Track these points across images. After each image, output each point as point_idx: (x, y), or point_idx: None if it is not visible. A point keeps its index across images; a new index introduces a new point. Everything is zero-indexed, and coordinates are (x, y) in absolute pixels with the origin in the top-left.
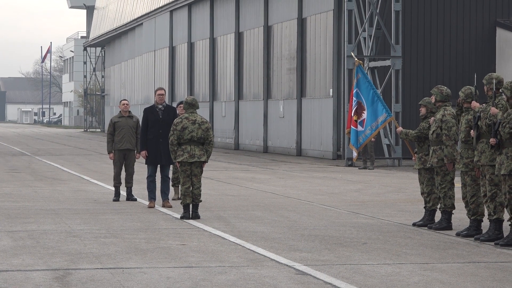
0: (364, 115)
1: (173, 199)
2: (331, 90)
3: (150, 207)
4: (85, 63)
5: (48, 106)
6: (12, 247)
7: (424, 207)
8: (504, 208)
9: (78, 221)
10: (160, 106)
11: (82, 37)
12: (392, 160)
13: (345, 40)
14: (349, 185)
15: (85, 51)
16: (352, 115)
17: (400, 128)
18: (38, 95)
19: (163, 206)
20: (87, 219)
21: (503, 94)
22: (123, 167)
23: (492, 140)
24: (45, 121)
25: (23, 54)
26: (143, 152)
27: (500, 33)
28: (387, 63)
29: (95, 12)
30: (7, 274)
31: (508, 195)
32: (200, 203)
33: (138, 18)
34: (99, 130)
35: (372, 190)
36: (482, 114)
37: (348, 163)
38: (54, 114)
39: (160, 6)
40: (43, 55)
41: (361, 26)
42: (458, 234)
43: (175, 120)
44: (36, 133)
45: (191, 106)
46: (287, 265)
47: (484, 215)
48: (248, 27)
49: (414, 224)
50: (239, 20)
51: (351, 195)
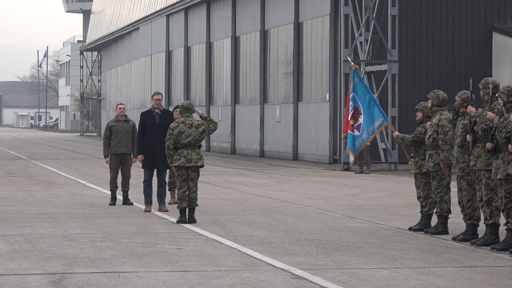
0: (361, 119)
1: (169, 203)
2: (328, 95)
3: (146, 211)
4: (81, 67)
5: (44, 110)
6: (8, 251)
7: (421, 212)
8: (500, 213)
9: (74, 225)
10: (157, 111)
11: (79, 41)
12: (389, 164)
13: (341, 44)
14: (345, 189)
15: (81, 55)
16: (349, 119)
17: (396, 133)
18: (34, 99)
19: (160, 210)
20: (84, 223)
21: (499, 99)
22: (120, 171)
23: (488, 145)
24: (41, 125)
25: (19, 58)
26: (140, 156)
27: (497, 37)
28: (384, 67)
29: (92, 16)
30: (3, 278)
31: (505, 200)
32: (196, 208)
33: (135, 22)
34: (96, 134)
35: (369, 194)
36: (478, 118)
37: (344, 167)
38: (51, 118)
39: (157, 10)
40: (39, 59)
41: (357, 31)
42: (454, 239)
43: (172, 125)
44: (32, 137)
45: (187, 110)
46: (283, 269)
47: (480, 220)
48: (245, 32)
49: (411, 229)
50: (236, 25)
51: (347, 199)
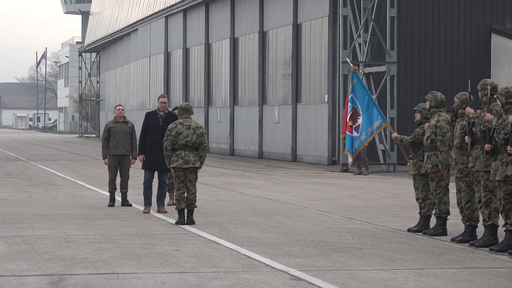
0: (360, 120)
1: (168, 205)
2: (326, 96)
3: (145, 212)
4: (80, 68)
5: (43, 112)
6: (7, 253)
7: (419, 213)
8: (499, 214)
9: (73, 226)
10: (161, 113)
11: (77, 42)
12: (387, 165)
13: (340, 45)
14: (344, 190)
15: (80, 57)
16: (348, 120)
17: (395, 134)
18: (33, 100)
19: (158, 212)
20: (82, 224)
21: (497, 100)
22: (118, 173)
23: (487, 146)
24: (40, 126)
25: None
26: (141, 156)
27: (495, 39)
28: (382, 69)
29: (90, 17)
30: (2, 279)
31: (503, 201)
32: (195, 209)
33: (133, 23)
34: (94, 136)
35: (367, 195)
36: (476, 120)
37: (343, 168)
38: (49, 119)
39: (155, 11)
40: (38, 60)
41: (356, 32)
42: (453, 240)
43: (170, 126)
44: (31, 138)
45: (186, 111)
46: (282, 270)
47: (479, 221)
48: (243, 33)
49: (409, 230)
50: (235, 26)
51: (346, 200)
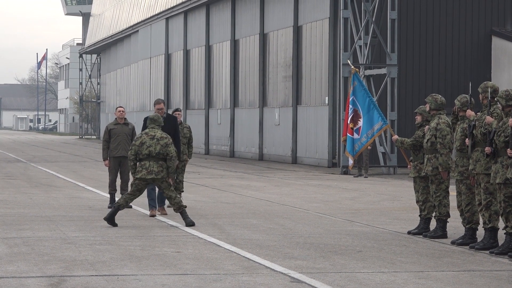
0: (360, 122)
1: (167, 206)
2: (327, 98)
3: (152, 215)
4: (80, 70)
5: (43, 113)
6: (7, 254)
7: (419, 215)
8: (499, 217)
9: (73, 228)
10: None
11: (78, 44)
12: (387, 168)
13: (340, 48)
14: (344, 193)
15: (80, 58)
16: (348, 122)
17: (395, 136)
18: (33, 101)
19: (159, 212)
20: (82, 226)
21: (498, 103)
22: (119, 174)
23: (487, 149)
24: (40, 127)
25: (19, 60)
26: None
27: (496, 41)
28: (383, 71)
29: (91, 19)
30: (2, 281)
31: (503, 204)
32: (195, 211)
33: (134, 25)
34: (95, 137)
35: (367, 198)
36: (477, 122)
37: (343, 170)
38: (50, 121)
39: (156, 13)
40: (39, 61)
41: (356, 34)
42: (453, 243)
43: (137, 135)
44: (31, 139)
45: (153, 121)
46: (282, 272)
47: (479, 224)
48: (244, 35)
49: (409, 232)
50: (235, 28)
51: (346, 203)
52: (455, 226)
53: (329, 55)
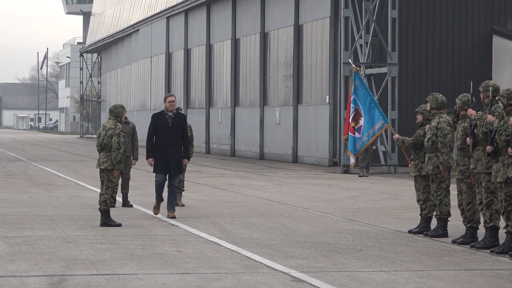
0: (361, 121)
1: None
2: (327, 97)
3: (155, 208)
4: (81, 69)
5: (44, 112)
6: (8, 253)
7: (420, 214)
8: (500, 216)
9: (74, 227)
10: (170, 113)
11: (79, 43)
12: (388, 167)
13: (341, 47)
14: (345, 192)
15: (81, 57)
16: (350, 121)
17: (396, 135)
18: (34, 100)
19: (168, 217)
20: (83, 225)
21: (499, 102)
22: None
23: (488, 148)
24: (41, 127)
25: (19, 60)
26: (150, 160)
27: (497, 40)
28: (384, 70)
29: (92, 18)
30: (2, 280)
31: (504, 203)
32: (195, 210)
33: (135, 24)
34: (95, 136)
35: (368, 197)
36: (478, 121)
37: (344, 169)
38: (50, 120)
39: (157, 12)
40: (39, 60)
41: (357, 33)
42: (454, 242)
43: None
44: (32, 139)
45: (110, 112)
46: (283, 272)
47: (480, 223)
48: (245, 34)
49: (410, 231)
50: (236, 27)
51: (347, 202)
52: (456, 225)
53: (329, 54)
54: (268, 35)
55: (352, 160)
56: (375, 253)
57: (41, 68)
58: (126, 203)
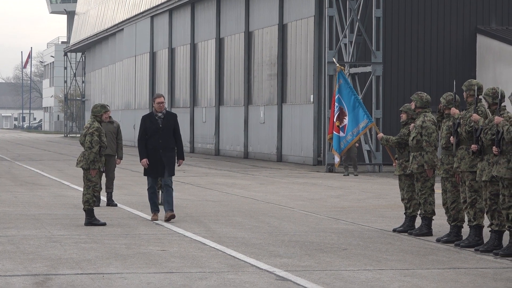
0: (346, 120)
1: None
2: (312, 96)
3: (153, 219)
4: (65, 68)
5: (28, 111)
6: None
7: (405, 213)
8: (484, 214)
9: (58, 226)
10: (159, 114)
11: (63, 42)
12: (373, 166)
13: (325, 46)
14: (329, 191)
15: (65, 56)
16: (334, 120)
17: (381, 134)
18: (18, 100)
19: (166, 219)
20: (67, 224)
21: (482, 101)
22: (104, 173)
23: (473, 147)
24: (25, 126)
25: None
26: (144, 161)
27: (481, 40)
28: (368, 69)
29: (76, 17)
30: None
31: (489, 201)
32: (180, 209)
33: (119, 23)
34: (79, 136)
35: (353, 196)
36: (462, 120)
37: (328, 168)
38: (34, 119)
39: (141, 11)
40: (23, 60)
41: (342, 32)
42: (438, 240)
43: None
44: (16, 138)
45: (91, 112)
46: (268, 270)
47: (464, 221)
48: (229, 33)
49: (395, 230)
50: (220, 26)
51: (331, 201)
52: (440, 223)
53: (314, 53)
54: (253, 34)
55: (337, 159)
56: (360, 252)
57: (25, 67)
58: (110, 202)
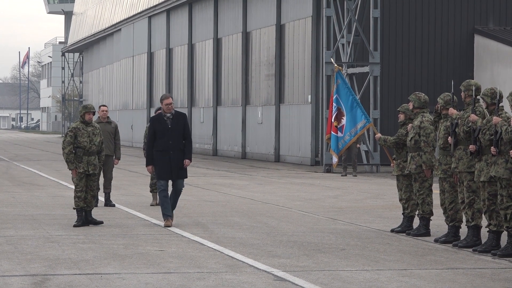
0: (344, 121)
1: (151, 205)
2: (309, 96)
3: (166, 226)
4: (63, 68)
5: (26, 112)
6: None
7: (403, 214)
8: (482, 215)
9: (56, 226)
10: (168, 115)
11: (60, 42)
12: (371, 166)
13: (323, 46)
14: (327, 191)
15: (63, 57)
16: (332, 120)
17: (378, 134)
18: (16, 100)
19: (165, 225)
20: (65, 224)
21: (480, 101)
22: (102, 173)
23: (472, 147)
24: (23, 126)
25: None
26: (149, 168)
27: (478, 40)
28: (366, 69)
29: (73, 17)
30: None
31: (487, 202)
32: (178, 209)
33: (117, 23)
34: None
35: (350, 196)
36: (459, 121)
37: (326, 169)
38: (32, 119)
39: (139, 12)
40: (21, 60)
41: (339, 33)
42: (436, 241)
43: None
44: (14, 138)
45: None
46: (266, 271)
47: (462, 222)
48: (227, 33)
49: (393, 231)
50: (218, 26)
51: (329, 201)
52: (438, 224)
53: (312, 53)
54: (250, 35)
55: (334, 160)
56: (358, 252)
57: (22, 67)
58: (108, 203)
